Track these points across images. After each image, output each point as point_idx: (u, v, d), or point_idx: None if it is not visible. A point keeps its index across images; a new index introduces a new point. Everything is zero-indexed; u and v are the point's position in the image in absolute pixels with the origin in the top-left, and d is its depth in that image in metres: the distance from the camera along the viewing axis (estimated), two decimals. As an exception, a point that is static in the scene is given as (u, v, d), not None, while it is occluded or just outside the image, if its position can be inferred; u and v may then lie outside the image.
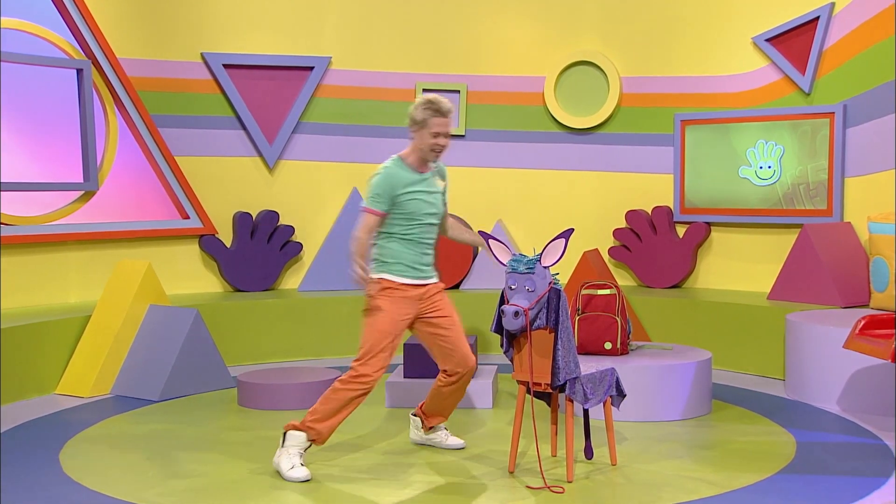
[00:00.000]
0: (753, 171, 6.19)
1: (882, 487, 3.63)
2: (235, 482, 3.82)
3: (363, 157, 7.24)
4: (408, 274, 3.89)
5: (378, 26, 7.22)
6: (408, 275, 3.89)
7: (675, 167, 6.93)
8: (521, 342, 3.73)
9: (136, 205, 6.67)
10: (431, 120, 3.84)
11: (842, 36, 6.12)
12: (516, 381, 3.82)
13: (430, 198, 3.91)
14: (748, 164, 6.24)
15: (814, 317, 5.30)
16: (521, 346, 3.73)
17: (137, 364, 5.47)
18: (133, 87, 6.52)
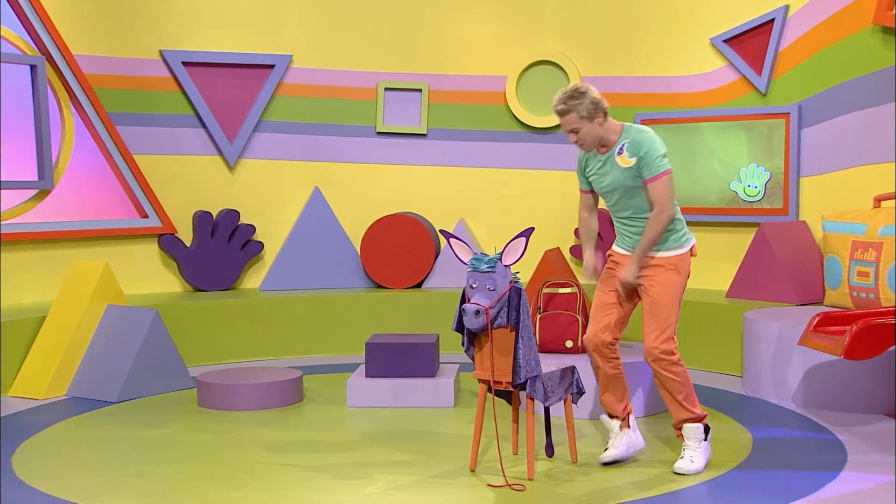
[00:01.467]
0: (742, 187, 6.37)
1: (834, 480, 3.70)
2: (194, 483, 3.79)
3: (325, 156, 7.21)
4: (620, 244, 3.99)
5: (340, 25, 7.20)
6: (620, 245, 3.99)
7: (635, 166, 6.99)
8: (482, 341, 3.74)
9: (93, 204, 6.57)
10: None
11: (796, 38, 6.23)
12: (477, 379, 3.83)
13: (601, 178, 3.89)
14: (739, 181, 6.42)
15: (770, 314, 5.38)
16: (482, 345, 3.74)
17: (94, 365, 5.39)
18: (89, 84, 6.42)
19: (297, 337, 6.60)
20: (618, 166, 3.83)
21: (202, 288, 6.83)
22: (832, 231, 5.54)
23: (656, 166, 3.78)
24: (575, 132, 3.82)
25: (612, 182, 3.87)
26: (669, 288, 3.84)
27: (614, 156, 3.84)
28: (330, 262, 7.05)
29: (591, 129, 3.81)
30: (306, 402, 5.20)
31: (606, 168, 3.87)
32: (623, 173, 3.83)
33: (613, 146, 3.84)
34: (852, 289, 5.31)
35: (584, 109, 3.78)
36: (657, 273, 3.86)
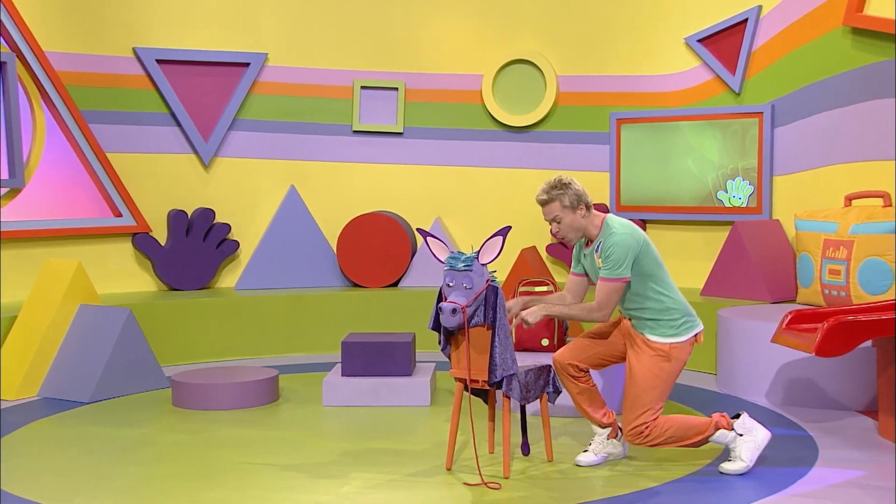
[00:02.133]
0: (728, 197, 6.47)
1: (805, 476, 3.74)
2: (169, 483, 3.76)
3: (300, 155, 7.18)
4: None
5: (315, 23, 7.17)
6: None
7: (610, 165, 7.04)
8: (458, 339, 3.75)
9: (65, 202, 6.50)
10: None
11: (769, 38, 6.29)
12: (454, 378, 3.83)
13: (590, 271, 3.94)
14: (725, 191, 6.52)
15: (744, 312, 5.43)
16: (459, 344, 3.75)
17: (67, 365, 5.33)
18: (61, 81, 6.35)
19: (273, 336, 6.57)
20: (594, 264, 3.88)
21: (177, 287, 6.78)
22: (804, 229, 5.60)
23: (613, 272, 3.77)
24: (556, 221, 3.86)
25: (594, 276, 3.92)
26: (653, 374, 3.79)
27: (593, 253, 3.89)
28: (306, 261, 7.02)
29: (574, 220, 3.84)
30: (282, 402, 5.18)
31: (590, 262, 3.92)
32: (596, 272, 3.88)
33: (594, 243, 3.89)
34: (824, 286, 5.38)
35: (567, 199, 3.82)
36: (644, 355, 3.83)
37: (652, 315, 3.84)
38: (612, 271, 3.77)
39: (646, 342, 3.84)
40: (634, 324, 3.90)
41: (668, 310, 3.83)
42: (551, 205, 3.84)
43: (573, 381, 3.96)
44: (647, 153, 6.89)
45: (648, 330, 3.84)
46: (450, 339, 3.79)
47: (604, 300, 3.79)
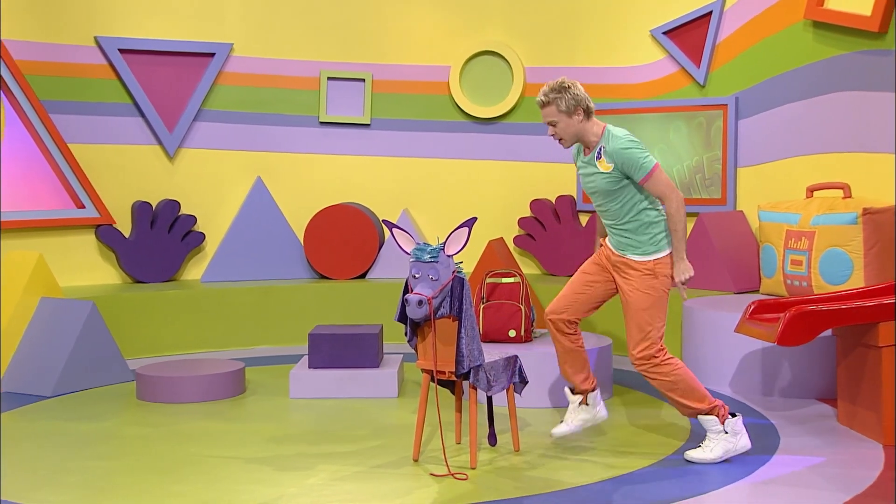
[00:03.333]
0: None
1: (767, 464, 3.80)
2: (133, 477, 3.72)
3: (267, 146, 7.13)
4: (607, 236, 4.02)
5: (281, 13, 7.11)
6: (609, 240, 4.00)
7: (577, 157, 7.06)
8: (424, 331, 3.75)
9: (26, 194, 6.39)
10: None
11: (733, 30, 6.34)
12: (420, 369, 3.84)
13: (586, 178, 3.91)
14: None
15: (708, 303, 5.49)
16: (425, 335, 3.75)
17: (28, 358, 5.25)
18: (20, 70, 6.24)
19: (240, 328, 6.53)
20: (599, 170, 3.85)
21: (142, 279, 6.71)
22: (767, 220, 5.67)
23: (643, 166, 3.76)
24: (552, 125, 3.84)
25: (593, 184, 3.90)
26: (644, 293, 3.84)
27: (595, 160, 3.86)
28: (273, 253, 6.98)
29: (569, 124, 3.82)
30: (249, 394, 5.15)
31: (590, 169, 3.89)
32: (603, 178, 3.83)
33: (594, 150, 3.86)
34: (786, 277, 5.45)
35: (564, 104, 3.79)
36: (633, 278, 3.86)
37: (636, 230, 3.85)
38: (644, 167, 3.75)
39: (629, 264, 3.87)
40: (616, 244, 3.91)
41: (652, 224, 3.86)
42: (548, 108, 3.83)
43: (565, 338, 3.98)
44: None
45: (631, 250, 3.87)
46: (416, 330, 3.79)
47: (663, 190, 3.79)
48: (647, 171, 3.77)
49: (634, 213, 3.84)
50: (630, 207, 3.84)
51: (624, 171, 3.79)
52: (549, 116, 3.83)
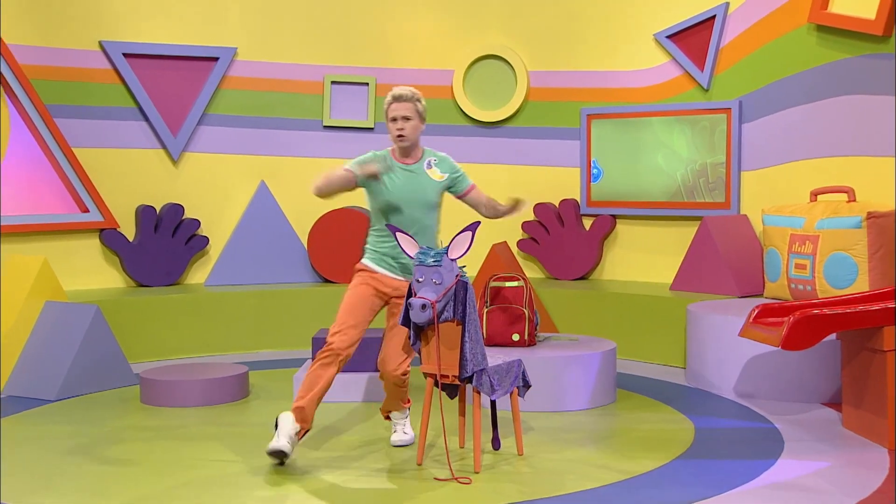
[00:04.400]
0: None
1: (771, 468, 3.79)
2: (135, 481, 3.72)
3: (270, 150, 7.14)
4: (383, 265, 3.99)
5: (285, 18, 7.12)
6: (384, 266, 3.99)
7: (581, 161, 7.07)
8: (428, 335, 3.75)
9: (31, 198, 6.41)
10: (389, 108, 3.97)
11: (737, 34, 6.34)
12: (424, 373, 3.83)
13: (412, 186, 3.93)
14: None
15: (712, 307, 5.48)
16: (429, 339, 3.74)
17: (32, 363, 5.26)
18: (25, 75, 6.26)
19: (243, 332, 6.53)
20: (430, 179, 3.98)
21: (146, 283, 6.72)
22: (772, 224, 5.66)
23: (468, 178, 4.13)
24: (406, 119, 3.93)
25: (415, 194, 3.93)
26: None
27: (423, 169, 3.98)
28: (277, 257, 6.99)
29: (417, 127, 3.99)
30: (252, 398, 5.15)
31: (412, 178, 3.96)
32: (434, 187, 3.99)
33: (420, 160, 4.00)
34: (791, 281, 5.44)
35: (422, 107, 4.00)
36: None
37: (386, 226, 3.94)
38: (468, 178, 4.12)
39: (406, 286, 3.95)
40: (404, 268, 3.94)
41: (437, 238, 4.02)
42: (410, 103, 3.96)
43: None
44: (616, 148, 6.93)
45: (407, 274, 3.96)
46: (420, 334, 3.79)
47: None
48: (470, 182, 4.10)
49: (437, 229, 4.02)
50: (437, 222, 4.03)
51: (453, 181, 4.03)
52: (407, 111, 3.94)
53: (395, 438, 4.15)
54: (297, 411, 3.83)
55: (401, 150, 4.01)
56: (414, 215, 3.95)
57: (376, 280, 3.99)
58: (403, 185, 3.96)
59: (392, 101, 3.96)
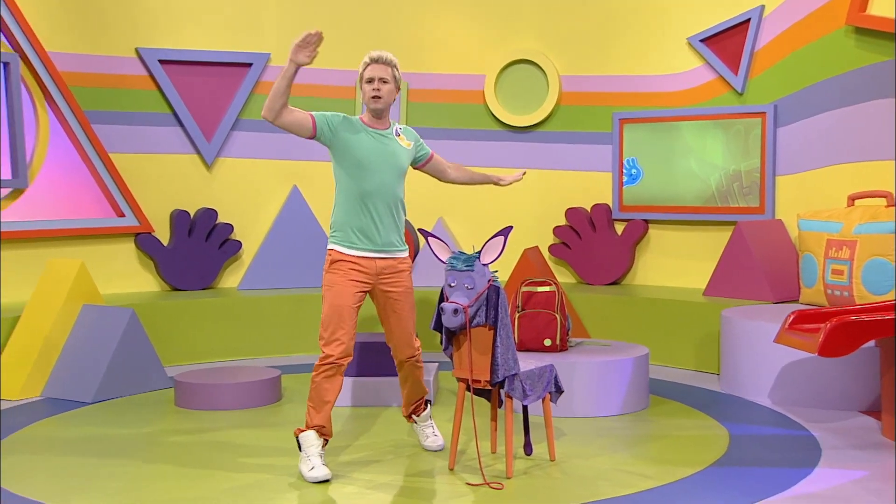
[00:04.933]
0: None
1: (808, 476, 3.74)
2: (169, 483, 3.76)
3: (303, 155, 7.18)
4: (357, 245, 3.81)
5: (318, 23, 7.12)
6: (358, 245, 3.81)
7: (613, 165, 7.03)
8: (460, 340, 3.75)
9: (68, 203, 6.51)
10: (366, 70, 3.88)
11: (772, 38, 6.28)
12: (456, 378, 3.83)
13: (383, 152, 3.82)
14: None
15: (747, 312, 5.42)
16: (461, 344, 3.74)
17: (70, 365, 5.34)
18: (64, 82, 6.36)
19: (276, 336, 6.57)
20: (399, 145, 3.91)
21: (180, 287, 6.79)
22: (808, 229, 5.59)
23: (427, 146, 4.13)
24: (384, 82, 3.84)
25: (386, 157, 3.82)
26: (411, 290, 3.95)
27: (394, 136, 3.91)
28: (309, 261, 7.02)
29: (392, 92, 3.88)
30: (285, 402, 5.18)
31: (383, 142, 3.86)
32: (404, 153, 3.92)
33: (390, 127, 3.93)
34: (827, 286, 5.37)
35: (399, 74, 3.91)
36: (403, 278, 3.89)
37: (402, 220, 3.92)
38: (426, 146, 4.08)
39: (403, 261, 3.91)
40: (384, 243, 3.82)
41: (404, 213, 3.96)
42: (388, 68, 3.87)
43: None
44: (649, 152, 6.89)
45: (399, 245, 3.92)
46: (452, 339, 3.79)
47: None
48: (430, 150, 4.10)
49: (403, 201, 3.94)
50: (404, 195, 3.94)
51: (416, 149, 4.01)
52: (384, 74, 3.84)
53: (429, 443, 4.13)
54: (317, 429, 3.80)
55: (372, 113, 3.86)
56: (386, 180, 3.80)
57: (355, 268, 3.77)
58: (375, 147, 3.82)
59: (370, 63, 3.84)
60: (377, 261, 3.84)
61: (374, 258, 3.84)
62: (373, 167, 3.80)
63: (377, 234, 3.81)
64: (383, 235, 3.83)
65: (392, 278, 3.89)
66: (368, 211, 3.80)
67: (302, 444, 3.80)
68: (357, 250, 3.81)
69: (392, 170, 3.85)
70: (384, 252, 3.85)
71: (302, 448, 3.79)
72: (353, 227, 3.80)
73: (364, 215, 3.79)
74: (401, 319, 3.93)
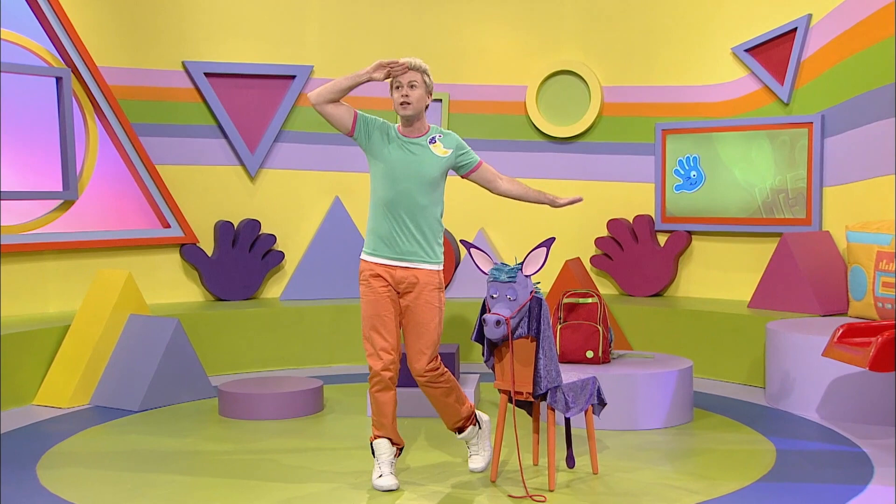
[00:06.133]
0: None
1: (860, 495, 3.65)
2: (213, 493, 3.80)
3: (345, 166, 7.24)
4: (379, 252, 3.79)
5: (360, 35, 7.23)
6: (379, 253, 3.79)
7: (656, 176, 6.97)
8: (502, 351, 3.74)
9: (116, 214, 6.63)
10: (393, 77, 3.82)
11: (819, 47, 6.19)
12: (498, 390, 3.82)
13: (408, 160, 3.76)
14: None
15: (793, 325, 5.33)
16: (503, 356, 3.73)
17: (117, 374, 5.42)
18: (113, 95, 6.49)
19: (318, 346, 6.61)
20: (433, 154, 3.80)
21: (223, 297, 6.86)
22: (857, 241, 5.49)
23: (475, 154, 3.93)
24: (412, 87, 3.76)
25: (411, 167, 3.74)
26: (437, 308, 3.78)
27: (427, 144, 3.82)
28: (351, 272, 6.99)
29: (423, 98, 3.80)
30: (327, 412, 5.20)
31: (414, 151, 3.78)
32: (436, 162, 3.79)
33: (425, 134, 3.83)
34: (877, 300, 5.26)
35: (430, 80, 3.83)
36: (425, 292, 3.75)
37: (434, 233, 3.80)
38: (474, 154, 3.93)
39: (427, 275, 3.77)
40: (403, 252, 3.74)
41: (440, 224, 3.86)
42: (419, 74, 3.79)
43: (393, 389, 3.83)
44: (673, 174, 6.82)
45: (423, 257, 3.78)
46: (494, 350, 3.78)
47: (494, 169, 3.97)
48: (478, 158, 3.91)
49: (439, 212, 3.83)
50: (438, 202, 3.82)
51: (458, 157, 3.84)
52: (415, 80, 3.77)
53: (471, 465, 3.97)
54: (388, 440, 3.82)
55: (404, 121, 3.81)
56: (408, 190, 3.73)
57: (377, 274, 3.76)
58: (401, 157, 3.76)
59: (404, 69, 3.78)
60: (397, 270, 3.77)
61: (393, 266, 3.78)
62: (395, 175, 3.77)
63: (398, 243, 3.77)
64: (403, 244, 3.77)
65: (411, 291, 3.77)
66: (390, 219, 3.78)
67: (375, 450, 3.82)
68: (378, 257, 3.81)
69: (415, 178, 3.75)
70: (404, 261, 3.77)
71: (375, 455, 3.82)
72: (378, 234, 3.82)
73: (386, 222, 3.79)
74: (410, 334, 3.79)
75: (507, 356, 3.70)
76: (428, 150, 3.81)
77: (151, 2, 6.75)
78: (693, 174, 6.77)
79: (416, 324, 3.77)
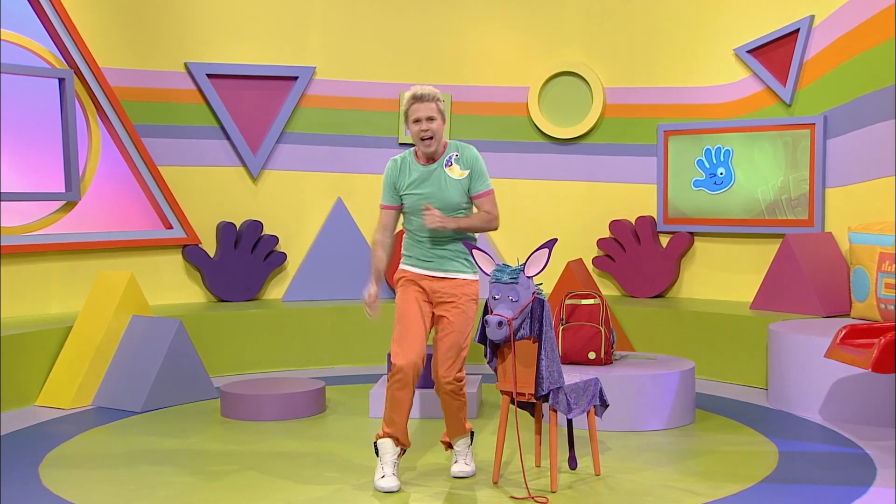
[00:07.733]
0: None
1: (863, 496, 3.65)
2: (216, 494, 3.80)
3: (347, 167, 7.24)
4: (416, 265, 3.89)
5: (362, 36, 7.23)
6: (416, 265, 3.89)
7: (658, 177, 6.97)
8: (504, 352, 3.73)
9: (118, 215, 6.64)
10: (410, 108, 3.81)
11: (822, 48, 6.19)
12: (500, 391, 3.82)
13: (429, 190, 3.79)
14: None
15: (796, 326, 5.33)
16: (505, 357, 3.73)
17: (119, 375, 5.43)
18: (116, 96, 6.49)
19: (320, 347, 6.62)
20: (449, 178, 3.81)
21: (226, 299, 6.87)
22: (859, 242, 5.48)
23: (487, 181, 3.84)
24: (431, 120, 3.78)
25: (438, 196, 3.79)
26: (469, 318, 3.82)
27: (443, 168, 3.83)
28: (353, 273, 7.05)
29: (441, 127, 3.82)
30: (329, 413, 5.21)
31: (431, 181, 3.82)
32: (455, 186, 3.81)
33: (441, 158, 3.84)
34: (880, 301, 5.25)
35: (443, 107, 3.84)
36: (461, 301, 3.80)
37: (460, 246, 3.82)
38: (486, 182, 3.83)
39: (461, 285, 3.81)
40: (439, 265, 3.80)
41: (474, 237, 3.89)
42: (433, 103, 3.79)
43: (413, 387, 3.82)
44: (693, 165, 6.81)
45: (459, 266, 3.83)
46: (496, 351, 3.78)
47: (495, 210, 3.84)
48: (488, 187, 3.83)
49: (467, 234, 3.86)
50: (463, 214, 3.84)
51: (471, 179, 3.80)
52: (431, 112, 3.77)
53: (456, 469, 3.96)
54: (394, 439, 3.81)
55: (422, 153, 3.85)
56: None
57: (413, 281, 3.86)
58: (419, 188, 3.83)
59: (413, 102, 3.79)
60: (433, 280, 3.85)
61: (430, 276, 3.86)
62: (418, 205, 3.84)
63: (431, 262, 3.87)
64: (436, 263, 3.86)
65: (446, 300, 3.82)
66: (421, 243, 3.89)
67: (379, 449, 3.82)
68: (415, 268, 3.91)
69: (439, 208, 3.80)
70: (440, 271, 3.84)
71: (378, 454, 3.81)
72: (411, 255, 3.93)
73: (416, 247, 3.91)
74: (441, 342, 3.82)
75: (510, 357, 3.70)
76: (444, 173, 3.83)
77: (154, 3, 6.76)
78: (721, 171, 6.69)
79: (449, 333, 3.81)
